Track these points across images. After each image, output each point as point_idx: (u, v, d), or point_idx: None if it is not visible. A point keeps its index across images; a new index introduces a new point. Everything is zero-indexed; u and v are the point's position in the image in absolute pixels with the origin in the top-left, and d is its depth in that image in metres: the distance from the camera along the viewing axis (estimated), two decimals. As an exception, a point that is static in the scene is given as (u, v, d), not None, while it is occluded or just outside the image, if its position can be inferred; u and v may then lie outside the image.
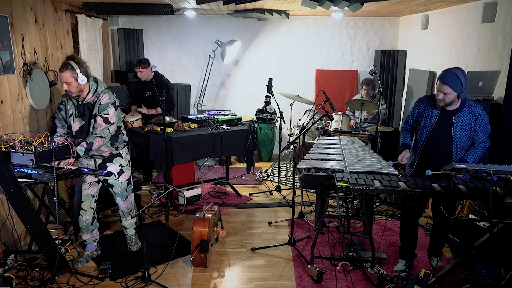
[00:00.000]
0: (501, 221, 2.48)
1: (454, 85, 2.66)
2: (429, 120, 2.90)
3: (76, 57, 2.95)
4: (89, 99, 3.01)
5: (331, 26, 6.30)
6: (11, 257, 3.19)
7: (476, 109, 2.78)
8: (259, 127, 6.10)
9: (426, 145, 2.93)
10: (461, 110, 2.79)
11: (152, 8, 4.94)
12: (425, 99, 2.99)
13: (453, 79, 2.66)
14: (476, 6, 4.25)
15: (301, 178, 2.90)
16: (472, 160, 2.77)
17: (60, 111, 3.10)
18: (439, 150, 2.87)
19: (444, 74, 2.71)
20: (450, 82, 2.66)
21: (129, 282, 3.02)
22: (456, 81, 2.66)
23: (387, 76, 6.23)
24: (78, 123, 3.06)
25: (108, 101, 3.02)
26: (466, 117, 2.77)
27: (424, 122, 2.93)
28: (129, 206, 3.42)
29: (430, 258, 3.24)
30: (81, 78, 2.88)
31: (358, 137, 4.16)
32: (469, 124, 2.78)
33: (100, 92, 3.04)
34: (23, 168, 2.73)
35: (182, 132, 4.32)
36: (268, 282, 3.08)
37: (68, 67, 2.85)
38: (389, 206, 4.45)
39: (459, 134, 2.79)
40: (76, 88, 2.92)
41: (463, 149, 2.83)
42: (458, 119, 2.79)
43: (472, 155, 2.79)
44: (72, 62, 2.88)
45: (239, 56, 6.33)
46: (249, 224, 4.08)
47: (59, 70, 2.89)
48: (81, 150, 2.90)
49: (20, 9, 3.57)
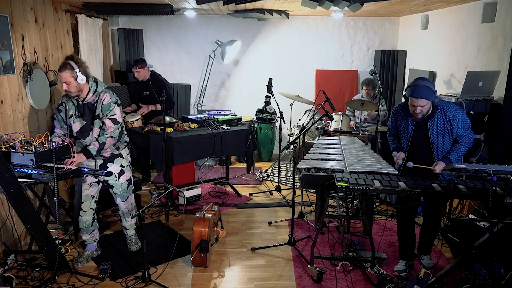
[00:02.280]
0: (501, 221, 2.48)
1: (427, 95, 2.68)
2: (407, 130, 2.94)
3: (75, 57, 2.95)
4: (89, 99, 3.02)
5: (331, 26, 6.30)
6: (11, 257, 3.19)
7: (448, 110, 2.78)
8: (259, 127, 6.10)
9: (409, 153, 2.98)
10: (434, 114, 2.80)
11: (152, 8, 4.94)
12: (399, 109, 3.01)
13: (424, 90, 2.67)
14: (476, 6, 4.26)
15: (301, 178, 2.90)
16: (455, 157, 2.78)
17: (59, 112, 3.10)
18: (422, 156, 2.91)
19: (414, 88, 2.69)
20: (423, 94, 2.67)
21: (129, 282, 3.02)
22: (427, 90, 2.67)
23: (387, 76, 6.23)
24: (78, 123, 3.06)
25: (111, 101, 3.03)
26: (440, 120, 2.79)
27: (402, 132, 2.99)
28: (129, 207, 3.42)
29: (420, 256, 3.25)
30: (80, 78, 2.88)
31: (358, 137, 4.16)
32: (444, 126, 2.79)
33: (100, 92, 3.04)
34: (23, 168, 2.73)
35: (182, 132, 4.32)
36: (268, 282, 3.08)
37: (67, 67, 2.86)
38: (389, 206, 4.45)
39: (436, 137, 2.82)
40: (75, 88, 2.92)
41: (444, 151, 2.85)
42: (432, 123, 2.81)
43: (455, 152, 2.80)
44: (71, 61, 2.88)
45: (239, 56, 6.33)
46: (249, 224, 4.08)
47: (58, 70, 2.89)
48: (94, 149, 2.96)
49: (20, 9, 3.57)
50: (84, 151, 2.97)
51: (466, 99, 3.80)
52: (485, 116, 3.81)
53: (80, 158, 2.94)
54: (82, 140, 3.10)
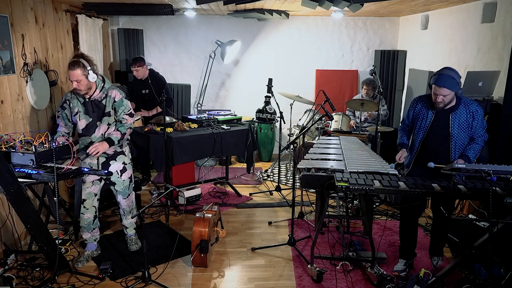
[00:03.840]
0: (501, 221, 2.48)
1: (451, 85, 2.67)
2: (424, 121, 2.91)
3: (85, 55, 2.99)
4: (96, 95, 3.06)
5: (331, 26, 6.30)
6: (11, 257, 3.19)
7: (472, 105, 2.79)
8: (259, 127, 6.11)
9: (423, 145, 2.95)
10: (458, 108, 2.79)
11: (152, 8, 4.94)
12: (420, 99, 2.99)
13: (449, 80, 2.67)
14: (476, 6, 4.26)
15: (301, 178, 2.90)
16: (473, 155, 2.78)
17: (64, 110, 3.12)
18: (437, 149, 2.88)
19: (438, 77, 2.71)
20: (447, 83, 2.67)
21: (129, 282, 3.02)
22: (452, 81, 2.67)
23: (387, 76, 6.23)
24: (84, 120, 3.09)
25: (121, 96, 3.13)
26: (463, 114, 2.78)
27: (420, 123, 2.95)
28: (130, 205, 3.43)
29: (432, 258, 3.25)
30: (91, 76, 2.93)
31: (358, 137, 4.17)
32: (467, 121, 2.78)
33: (108, 89, 3.10)
34: (23, 168, 2.74)
35: (182, 132, 4.32)
36: (268, 282, 3.08)
37: (80, 65, 2.89)
38: (389, 206, 4.45)
39: (457, 131, 2.80)
40: (85, 86, 2.96)
41: (461, 146, 2.84)
42: (455, 116, 2.80)
43: (473, 150, 2.80)
44: (82, 60, 2.92)
45: (239, 56, 6.33)
46: (249, 224, 4.08)
47: (69, 68, 2.89)
48: (116, 138, 3.09)
49: (20, 9, 3.57)
50: (107, 140, 3.06)
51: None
52: (485, 116, 3.81)
53: (103, 146, 3.02)
54: (87, 137, 3.12)
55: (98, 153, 3.02)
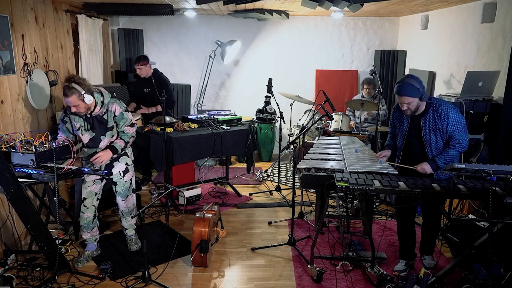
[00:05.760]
0: (501, 221, 2.48)
1: (411, 92, 2.71)
2: (402, 128, 2.99)
3: (75, 78, 2.88)
4: (97, 111, 3.06)
5: (331, 26, 6.30)
6: (11, 257, 3.19)
7: (440, 107, 2.78)
8: (259, 127, 6.11)
9: (404, 151, 3.02)
10: (427, 112, 2.82)
11: (152, 8, 4.94)
12: (398, 108, 3.04)
13: (409, 88, 2.70)
14: (476, 6, 4.26)
15: (301, 178, 2.91)
16: (442, 161, 2.75)
17: (65, 124, 3.13)
18: (416, 154, 2.94)
19: (399, 86, 2.76)
20: (407, 91, 2.71)
21: (129, 282, 3.02)
22: (411, 88, 2.70)
23: (387, 76, 6.23)
24: (87, 135, 3.12)
25: (121, 110, 3.15)
26: (432, 118, 2.80)
27: (399, 130, 3.04)
28: (130, 206, 3.42)
29: (422, 257, 3.25)
30: (88, 99, 2.89)
31: (358, 137, 4.17)
32: (435, 124, 2.79)
33: (108, 103, 3.09)
34: (23, 168, 2.74)
35: (182, 132, 4.32)
36: (268, 282, 3.08)
37: (74, 91, 2.82)
38: (389, 206, 4.45)
39: (429, 135, 2.83)
40: (84, 108, 2.96)
41: (437, 150, 2.85)
42: (425, 121, 2.83)
43: (444, 155, 2.77)
44: (74, 85, 2.82)
45: (239, 56, 6.33)
46: (249, 224, 4.08)
47: (64, 95, 2.83)
48: (120, 146, 3.16)
49: (20, 10, 3.57)
50: (111, 148, 3.11)
51: (466, 99, 3.81)
52: (485, 116, 3.82)
53: (107, 154, 3.07)
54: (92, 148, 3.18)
55: (102, 162, 3.07)
